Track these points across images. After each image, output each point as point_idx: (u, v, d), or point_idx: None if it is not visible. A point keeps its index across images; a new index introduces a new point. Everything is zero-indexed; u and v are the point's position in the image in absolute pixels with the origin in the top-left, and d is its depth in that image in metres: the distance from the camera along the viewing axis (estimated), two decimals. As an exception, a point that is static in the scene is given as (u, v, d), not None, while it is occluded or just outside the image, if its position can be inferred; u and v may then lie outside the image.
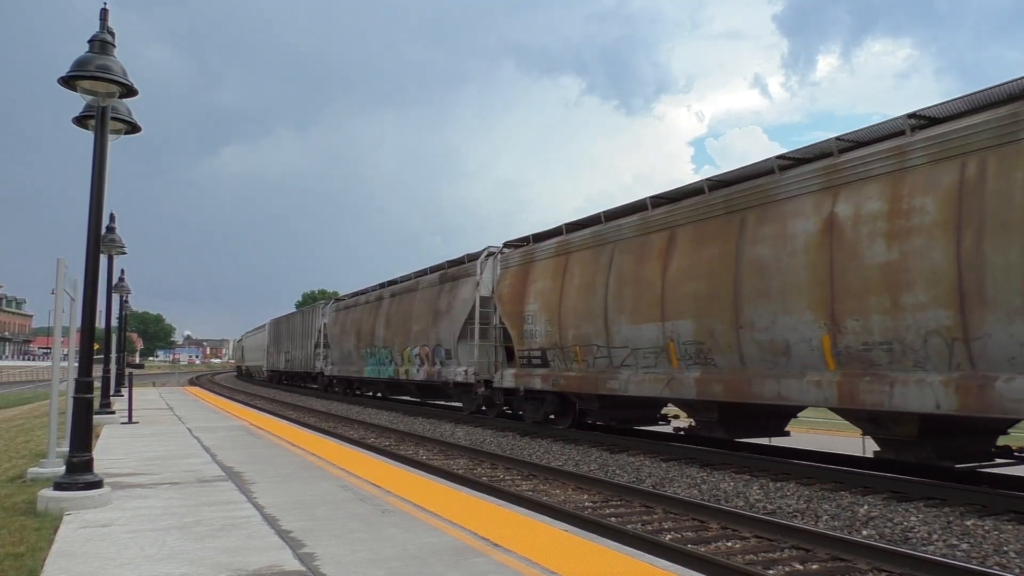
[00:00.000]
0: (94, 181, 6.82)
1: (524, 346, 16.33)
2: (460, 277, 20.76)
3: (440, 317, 21.27)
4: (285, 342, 45.29)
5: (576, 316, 14.50)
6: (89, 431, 6.74)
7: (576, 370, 14.65)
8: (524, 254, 17.25)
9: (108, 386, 18.29)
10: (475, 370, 19.15)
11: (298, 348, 41.36)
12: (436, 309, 21.70)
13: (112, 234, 14.85)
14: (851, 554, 6.66)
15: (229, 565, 4.60)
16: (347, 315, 31.81)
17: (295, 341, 42.06)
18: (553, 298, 15.28)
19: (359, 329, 29.18)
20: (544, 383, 15.63)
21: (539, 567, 4.56)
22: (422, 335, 22.58)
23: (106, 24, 6.96)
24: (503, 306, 17.42)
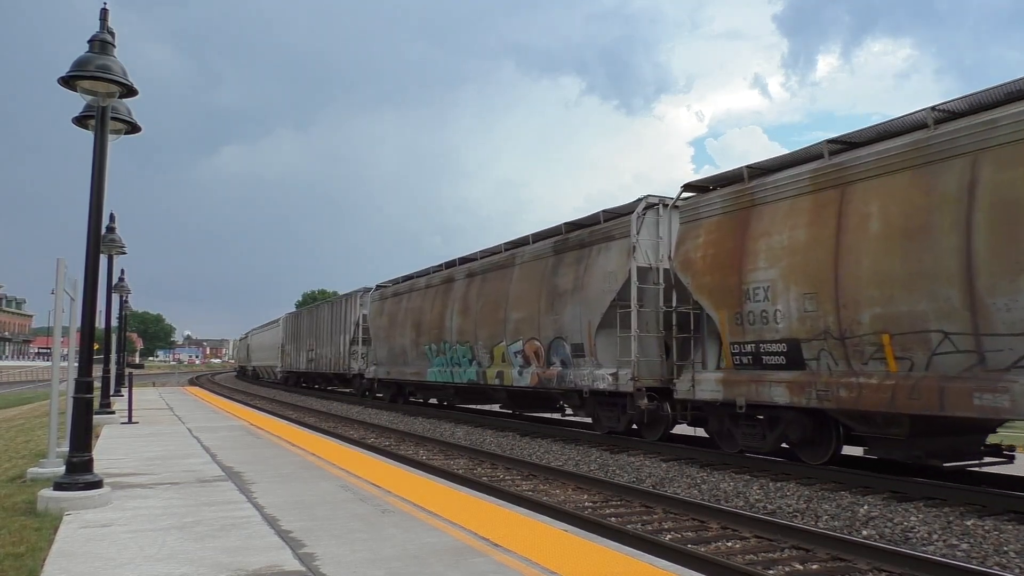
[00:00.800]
0: (94, 181, 6.82)
1: (743, 337, 11.10)
2: (597, 242, 14.78)
3: (562, 300, 15.35)
4: (307, 339, 39.07)
5: (880, 284, 9.09)
6: (89, 431, 6.73)
7: (880, 375, 9.15)
8: (735, 198, 11.62)
9: (108, 386, 18.29)
10: (632, 373, 13.23)
11: (326, 345, 35.08)
12: (553, 289, 15.73)
13: (112, 234, 14.85)
14: (851, 554, 6.66)
15: (229, 565, 4.60)
16: (398, 304, 25.06)
17: (322, 337, 35.91)
18: (816, 257, 9.93)
19: (418, 320, 22.88)
20: (795, 395, 10.23)
21: (539, 567, 4.56)
22: (527, 325, 16.55)
23: (106, 24, 6.96)
24: (694, 277, 12.01)
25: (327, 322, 35.07)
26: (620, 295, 13.71)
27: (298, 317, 42.79)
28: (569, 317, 15.10)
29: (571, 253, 15.55)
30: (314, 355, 37.24)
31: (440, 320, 21.14)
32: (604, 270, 14.28)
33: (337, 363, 32.70)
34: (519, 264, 17.62)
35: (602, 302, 14.09)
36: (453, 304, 20.59)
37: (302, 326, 40.67)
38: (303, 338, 40.10)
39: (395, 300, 25.62)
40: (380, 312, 26.68)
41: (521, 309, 16.93)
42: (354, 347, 30.32)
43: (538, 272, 16.56)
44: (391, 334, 25.15)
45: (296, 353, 41.87)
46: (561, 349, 15.39)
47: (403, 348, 24.10)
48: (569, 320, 15.12)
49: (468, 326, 19.46)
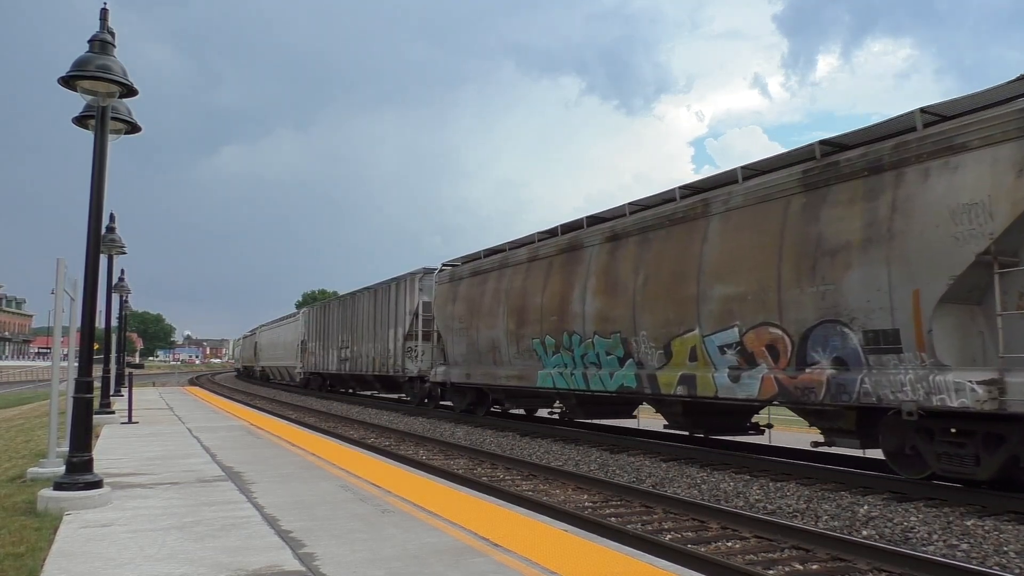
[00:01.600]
0: (94, 181, 6.82)
1: None
2: (923, 159, 8.76)
3: (838, 259, 9.55)
4: (340, 334, 32.71)
5: None
6: (89, 431, 6.74)
7: None
8: None
9: (108, 386, 18.30)
10: None
11: (366, 342, 28.62)
12: (812, 243, 9.95)
13: (112, 234, 14.86)
14: (851, 554, 6.66)
15: (229, 565, 4.60)
16: (481, 285, 18.94)
17: (361, 332, 29.46)
18: None
19: (518, 306, 16.81)
20: None
21: (539, 567, 4.56)
22: (750, 304, 10.79)
23: (106, 24, 6.96)
24: None
25: (368, 314, 28.60)
26: (1001, 243, 7.91)
27: (326, 310, 36.20)
28: (859, 286, 9.25)
29: (846, 185, 9.70)
30: (350, 354, 30.80)
31: (561, 304, 15.09)
32: (950, 202, 8.29)
33: (384, 363, 26.19)
34: (720, 213, 11.73)
35: (952, 257, 8.26)
36: (585, 280, 14.44)
37: (331, 320, 34.36)
38: (333, 334, 33.79)
39: (476, 281, 19.29)
40: (451, 298, 20.56)
41: (733, 279, 11.10)
42: (410, 343, 23.93)
43: (769, 219, 10.70)
44: (471, 325, 18.96)
45: (323, 352, 35.62)
46: (837, 339, 9.59)
47: (492, 343, 17.90)
48: (859, 290, 9.25)
49: (618, 310, 13.35)
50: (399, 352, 24.81)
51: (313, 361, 37.80)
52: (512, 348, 17.14)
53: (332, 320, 34.43)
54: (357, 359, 29.94)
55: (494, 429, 17.93)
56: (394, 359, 25.28)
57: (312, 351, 38.00)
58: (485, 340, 18.39)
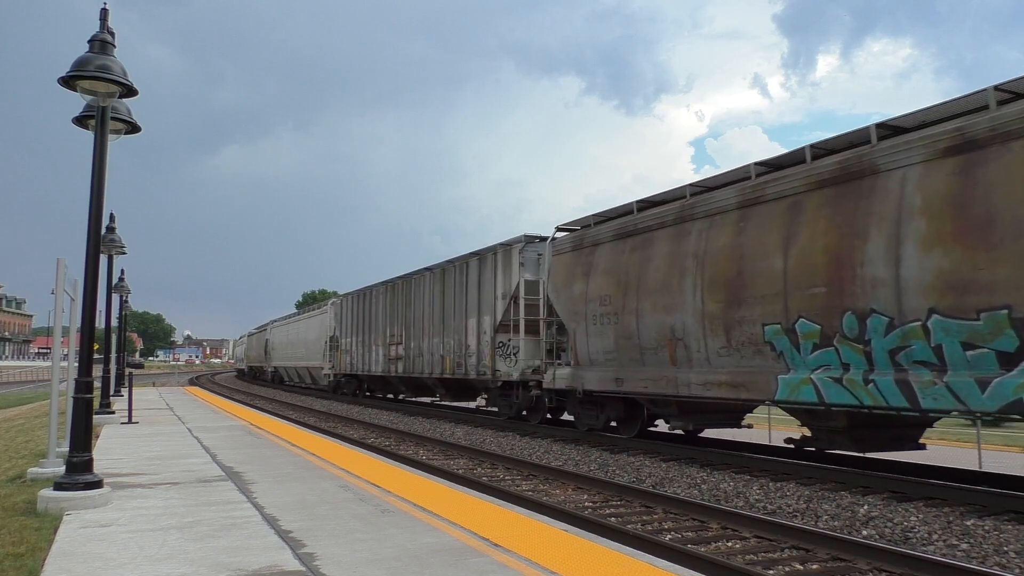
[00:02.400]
0: (94, 181, 6.82)
1: None
2: None
3: None
4: (389, 328, 26.21)
5: None
6: (89, 431, 6.74)
7: None
8: None
9: (108, 386, 18.30)
10: None
11: (432, 336, 22.37)
12: None
13: (112, 234, 14.86)
14: (851, 554, 6.66)
15: (229, 565, 4.60)
16: (640, 251, 13.23)
17: (422, 323, 23.19)
18: None
19: (732, 275, 11.12)
20: None
21: (539, 567, 4.56)
22: None
23: (106, 24, 6.96)
24: None
25: (433, 301, 22.45)
26: None
27: (366, 298, 29.20)
28: None
29: None
30: (403, 351, 24.54)
31: (837, 266, 9.49)
32: None
33: (461, 363, 20.28)
34: None
35: None
36: (896, 224, 8.85)
37: (374, 310, 27.94)
38: (377, 327, 27.46)
39: (628, 246, 13.47)
40: (579, 272, 14.71)
41: None
42: (502, 337, 18.13)
43: None
44: (623, 308, 13.23)
45: (362, 349, 29.16)
46: None
47: (667, 333, 12.18)
48: None
49: (1001, 269, 7.83)
50: (486, 349, 18.70)
51: (348, 361, 30.97)
52: (715, 340, 11.24)
53: (375, 311, 27.88)
54: (415, 358, 23.48)
55: (494, 429, 17.92)
56: (478, 358, 19.17)
57: (348, 349, 31.07)
58: (652, 329, 12.49)
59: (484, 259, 19.44)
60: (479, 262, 19.69)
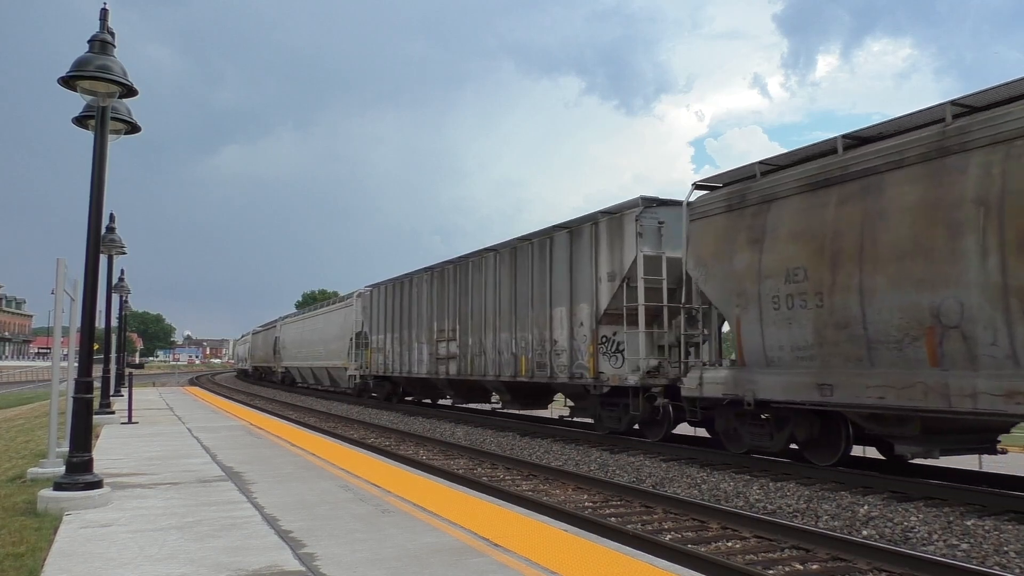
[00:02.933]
0: (94, 181, 6.82)
1: None
2: None
3: None
4: (437, 320, 21.82)
5: None
6: (89, 431, 6.74)
7: None
8: None
9: (108, 386, 18.31)
10: None
11: (500, 330, 18.14)
12: None
13: (112, 234, 14.86)
14: (851, 554, 6.66)
15: (229, 565, 4.60)
16: (856, 202, 9.55)
17: (485, 315, 18.86)
18: None
19: None
20: None
21: (539, 567, 4.56)
22: None
23: (106, 24, 6.97)
24: None
25: (500, 286, 18.23)
26: None
27: (405, 288, 24.74)
28: None
29: None
30: (458, 350, 20.33)
31: None
32: None
33: (543, 362, 16.14)
34: None
35: None
36: None
37: (416, 300, 23.71)
38: (421, 321, 23.10)
39: (825, 199, 10.00)
40: (739, 238, 11.17)
41: None
42: (608, 329, 14.25)
43: None
44: (833, 284, 9.68)
45: (398, 347, 24.83)
46: None
47: (924, 317, 8.62)
48: None
49: None
50: (583, 345, 14.82)
51: (380, 361, 26.63)
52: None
53: (417, 302, 23.57)
54: (473, 358, 19.35)
55: (494, 429, 17.93)
56: (571, 356, 15.17)
57: (378, 347, 26.86)
58: (892, 314, 8.94)
59: (578, 232, 15.25)
60: (570, 236, 15.50)
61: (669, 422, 13.24)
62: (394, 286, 25.79)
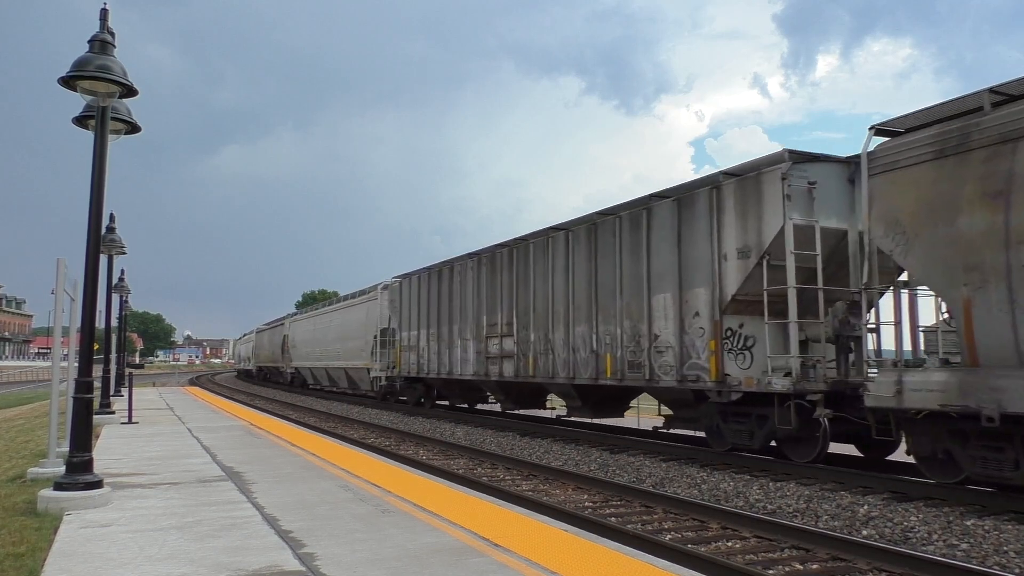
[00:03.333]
0: (94, 181, 6.82)
1: None
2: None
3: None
4: (491, 314, 18.55)
5: None
6: (89, 431, 6.74)
7: None
8: None
9: (108, 386, 18.30)
10: None
11: (581, 322, 14.94)
12: None
13: (112, 234, 14.86)
14: (851, 554, 6.66)
15: (229, 565, 4.60)
16: None
17: (557, 305, 15.84)
18: None
19: None
20: None
21: (539, 567, 4.56)
22: None
23: (106, 24, 6.96)
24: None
25: (572, 271, 15.28)
26: None
27: (445, 276, 21.41)
28: None
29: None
30: (515, 347, 17.22)
31: None
32: None
33: (637, 361, 13.17)
34: None
35: None
36: None
37: (461, 292, 20.31)
38: (466, 315, 19.87)
39: None
40: (965, 193, 8.60)
41: None
42: (734, 320, 11.62)
43: None
44: None
45: (440, 345, 21.37)
46: None
47: None
48: None
49: None
50: (699, 341, 11.81)
51: (412, 360, 23.42)
52: None
53: (460, 291, 20.36)
54: (536, 356, 16.23)
55: (494, 429, 17.92)
56: (680, 355, 12.13)
57: (410, 345, 23.67)
58: None
59: (689, 200, 12.29)
60: (676, 206, 12.48)
61: (826, 439, 10.39)
62: (430, 276, 22.42)
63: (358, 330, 29.96)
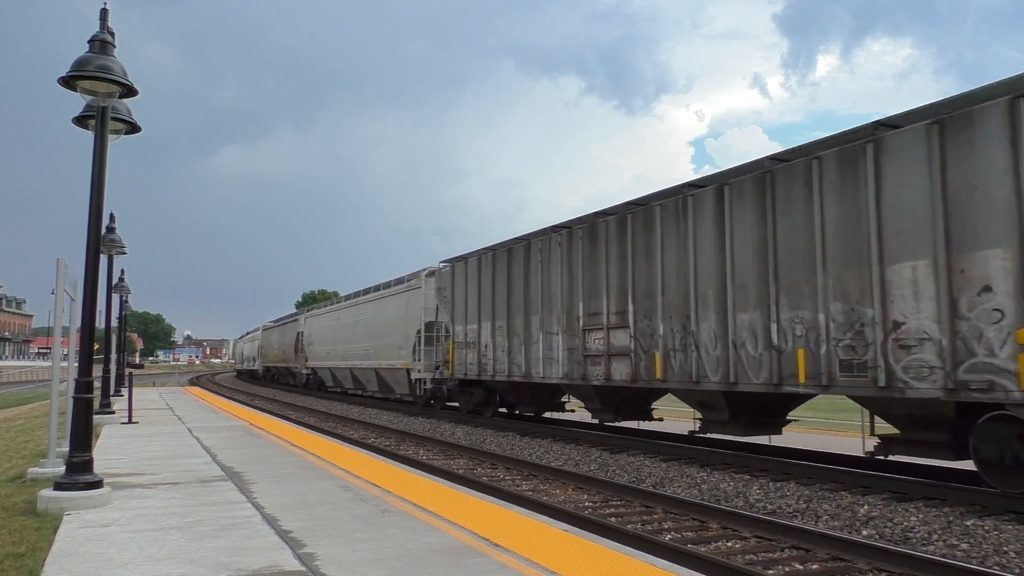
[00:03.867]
0: (94, 181, 6.82)
1: None
2: None
3: None
4: (593, 299, 14.62)
5: None
6: (89, 431, 6.74)
7: None
8: None
9: (108, 386, 18.30)
10: None
11: (747, 307, 10.99)
12: None
13: (112, 234, 14.86)
14: (851, 554, 6.66)
15: (229, 565, 4.60)
16: None
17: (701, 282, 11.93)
18: None
19: None
20: None
21: (539, 567, 4.56)
22: None
23: (106, 24, 6.96)
24: None
25: (731, 233, 11.47)
26: None
27: (516, 258, 17.52)
28: None
29: None
30: (629, 341, 13.55)
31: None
32: None
33: (852, 362, 9.46)
34: None
35: None
36: None
37: (545, 273, 16.33)
38: (550, 302, 16.02)
39: None
40: None
41: None
42: None
43: None
44: None
45: (508, 340, 17.55)
46: None
47: None
48: None
49: None
50: (989, 329, 8.09)
51: (471, 359, 19.14)
52: None
53: (541, 274, 16.34)
54: (669, 353, 12.53)
55: (494, 429, 17.91)
56: (950, 348, 8.41)
57: (467, 341, 19.46)
58: None
59: (964, 121, 8.53)
60: (936, 130, 8.70)
61: None
62: (494, 257, 18.37)
63: (395, 325, 25.80)
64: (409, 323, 24.36)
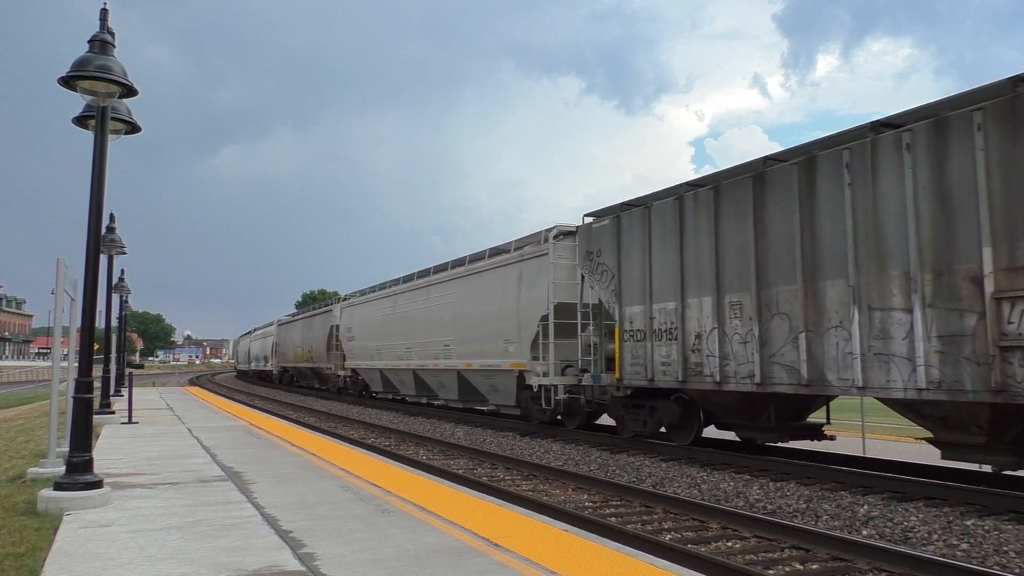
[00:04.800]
0: (94, 181, 6.82)
1: None
2: None
3: None
4: None
5: None
6: (89, 431, 6.74)
7: None
8: None
9: (108, 386, 18.30)
10: None
11: None
12: None
13: (112, 234, 14.86)
14: (851, 554, 6.66)
15: (229, 565, 4.60)
16: None
17: None
18: None
19: None
20: None
21: (539, 567, 4.56)
22: None
23: (106, 24, 6.96)
24: None
25: None
26: None
27: (727, 201, 11.04)
28: None
29: None
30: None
31: None
32: None
33: None
34: None
35: None
36: None
37: (814, 221, 9.59)
38: (816, 264, 9.55)
39: None
40: None
41: None
42: None
43: None
44: None
45: (747, 327, 10.55)
46: None
47: None
48: None
49: None
50: None
51: (664, 355, 12.20)
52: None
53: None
54: None
55: (494, 429, 17.90)
56: None
57: (660, 329, 12.33)
58: None
59: None
60: None
61: None
62: (716, 193, 11.34)
63: (499, 309, 18.36)
64: (525, 307, 17.14)
